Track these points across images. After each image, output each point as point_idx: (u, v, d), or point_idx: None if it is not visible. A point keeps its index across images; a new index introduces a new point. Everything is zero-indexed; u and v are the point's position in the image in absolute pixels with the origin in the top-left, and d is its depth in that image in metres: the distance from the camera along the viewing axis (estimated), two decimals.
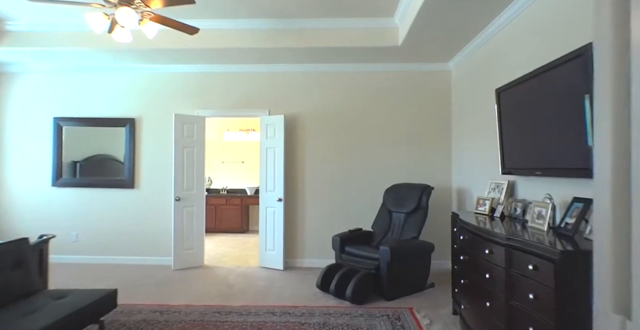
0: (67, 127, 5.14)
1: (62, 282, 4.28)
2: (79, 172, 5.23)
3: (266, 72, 5.12)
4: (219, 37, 4.35)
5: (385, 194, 4.70)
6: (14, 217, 5.16)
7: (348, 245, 4.26)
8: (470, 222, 2.93)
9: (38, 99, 5.18)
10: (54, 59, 4.84)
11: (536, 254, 2.03)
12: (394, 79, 5.09)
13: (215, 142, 8.13)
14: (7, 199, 5.15)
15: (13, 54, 4.61)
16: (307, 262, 5.07)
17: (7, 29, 4.38)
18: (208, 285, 4.23)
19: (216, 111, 5.16)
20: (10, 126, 5.17)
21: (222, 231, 7.62)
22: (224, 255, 5.69)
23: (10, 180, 5.15)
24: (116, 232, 5.15)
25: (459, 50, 4.51)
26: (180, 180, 4.88)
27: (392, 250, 3.78)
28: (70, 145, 5.20)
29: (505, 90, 3.18)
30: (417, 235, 4.23)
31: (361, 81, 5.10)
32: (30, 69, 5.13)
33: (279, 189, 4.92)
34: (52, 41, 4.39)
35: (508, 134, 3.18)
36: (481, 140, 4.07)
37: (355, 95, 5.10)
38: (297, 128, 5.12)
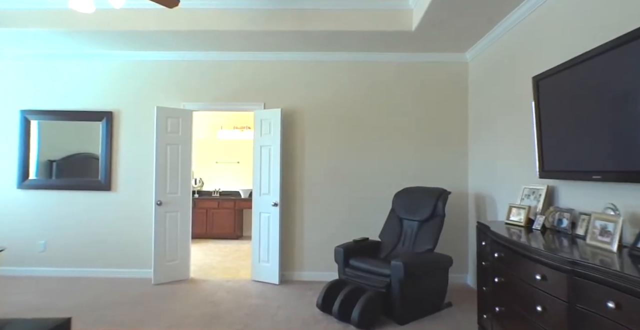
0: (43, 122, 4.56)
1: (17, 300, 3.70)
2: (56, 173, 4.64)
3: (261, 60, 4.56)
4: (206, 18, 3.79)
5: (395, 198, 4.14)
6: None
7: (353, 258, 3.69)
8: (508, 237, 2.37)
9: (2, 89, 4.60)
10: (19, 43, 4.27)
11: (622, 288, 1.48)
12: (405, 70, 4.54)
13: (207, 141, 7.57)
14: None
15: None
16: (307, 275, 4.50)
17: None
18: (191, 305, 3.66)
19: (204, 104, 4.59)
20: None
21: (214, 237, 7.04)
22: (213, 266, 5.12)
23: None
24: (90, 240, 4.56)
25: (479, 37, 3.97)
26: (162, 181, 4.31)
27: (406, 266, 3.22)
28: (47, 143, 4.61)
29: (547, 78, 2.63)
30: (432, 247, 3.67)
31: (368, 72, 4.55)
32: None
33: (275, 192, 4.35)
34: (15, 20, 3.82)
35: (549, 129, 2.63)
36: (509, 139, 3.52)
37: (362, 88, 4.55)
38: (296, 124, 4.56)
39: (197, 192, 7.37)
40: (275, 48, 4.37)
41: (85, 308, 3.53)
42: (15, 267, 4.53)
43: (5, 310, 3.44)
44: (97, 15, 3.81)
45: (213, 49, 4.42)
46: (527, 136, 3.11)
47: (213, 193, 7.43)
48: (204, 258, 5.59)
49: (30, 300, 3.72)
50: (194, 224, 6.96)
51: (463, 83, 4.52)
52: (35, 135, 4.60)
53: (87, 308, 3.53)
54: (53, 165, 4.67)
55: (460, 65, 4.53)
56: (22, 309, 3.49)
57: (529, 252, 2.09)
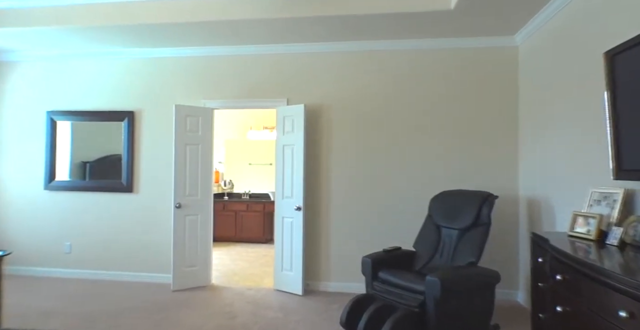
0: (75, 123, 4.50)
1: (31, 303, 3.60)
2: (89, 174, 4.58)
3: (284, 53, 4.24)
4: (221, 7, 3.52)
5: (432, 203, 3.66)
6: (3, 224, 4.58)
7: (383, 270, 3.26)
8: (574, 255, 1.86)
9: (31, 91, 4.60)
10: (40, 43, 4.24)
11: None
12: (443, 58, 4.04)
13: (237, 142, 7.39)
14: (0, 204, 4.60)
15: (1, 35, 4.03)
16: (332, 286, 4.11)
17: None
18: (206, 315, 3.38)
19: (225, 101, 4.34)
20: (3, 122, 4.62)
21: (243, 241, 6.82)
22: (236, 273, 4.85)
23: (5, 182, 4.59)
24: (112, 243, 4.44)
25: (532, 15, 3.41)
26: (181, 183, 4.09)
27: (444, 283, 2.74)
28: (80, 144, 4.55)
29: (625, 52, 2.09)
30: (475, 260, 3.16)
31: (401, 62, 4.10)
32: (21, 57, 4.56)
33: (298, 195, 4.01)
34: (37, 19, 3.74)
35: (629, 117, 2.08)
36: (572, 132, 2.95)
37: (393, 80, 4.11)
38: (321, 121, 4.19)
39: (226, 194, 7.20)
40: (298, 39, 4.03)
41: (100, 315, 3.35)
42: (42, 268, 4.51)
43: (17, 313, 3.33)
44: (115, 9, 3.65)
45: (234, 43, 4.16)
46: (597, 128, 2.55)
47: (243, 195, 7.23)
48: (229, 263, 5.35)
49: (46, 303, 3.61)
50: (222, 227, 6.78)
51: (511, 71, 3.96)
52: (68, 136, 4.56)
53: (101, 315, 3.35)
54: (86, 167, 4.61)
55: (508, 50, 3.97)
56: (32, 313, 3.37)
57: (606, 277, 1.58)
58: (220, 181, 7.31)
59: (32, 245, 4.52)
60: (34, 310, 3.42)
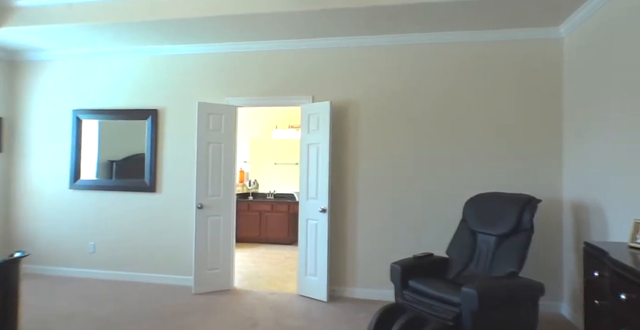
0: (103, 122, 4.49)
1: (55, 305, 3.57)
2: (115, 173, 4.57)
3: (309, 49, 4.07)
4: (244, 0, 3.39)
5: (467, 207, 3.40)
6: (30, 223, 4.63)
7: (413, 279, 3.03)
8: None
9: (57, 89, 4.63)
10: (70, 41, 4.24)
11: None
12: (479, 52, 3.77)
13: (262, 141, 7.29)
14: (27, 203, 4.64)
15: (24, 35, 4.05)
16: (360, 292, 3.91)
17: (16, 5, 3.80)
18: (226, 323, 3.25)
19: (248, 99, 4.22)
20: (31, 121, 4.68)
21: (267, 242, 6.71)
22: (260, 276, 4.72)
23: (32, 181, 4.64)
24: (135, 244, 4.40)
25: (580, 4, 3.10)
26: (203, 183, 3.99)
27: (482, 295, 2.49)
28: (107, 143, 4.55)
29: None
30: (516, 270, 2.88)
31: (433, 56, 3.85)
32: (49, 55, 4.60)
33: (323, 196, 3.83)
34: (64, 16, 3.72)
35: None
36: (632, 130, 2.63)
37: (425, 75, 3.86)
38: (348, 118, 4.00)
39: (251, 194, 7.11)
40: (323, 34, 3.85)
41: (119, 319, 3.28)
42: (67, 268, 4.52)
43: (38, 316, 3.30)
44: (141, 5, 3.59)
45: (257, 39, 4.03)
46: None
47: (267, 195, 7.12)
48: (252, 265, 5.24)
49: (68, 305, 3.59)
50: (247, 228, 6.70)
51: (555, 65, 3.64)
52: (95, 135, 4.56)
53: (121, 319, 3.28)
54: (113, 166, 4.60)
55: (551, 43, 3.65)
56: (56, 315, 3.34)
57: None
58: (245, 181, 7.24)
59: (57, 245, 4.55)
60: (55, 313, 3.39)
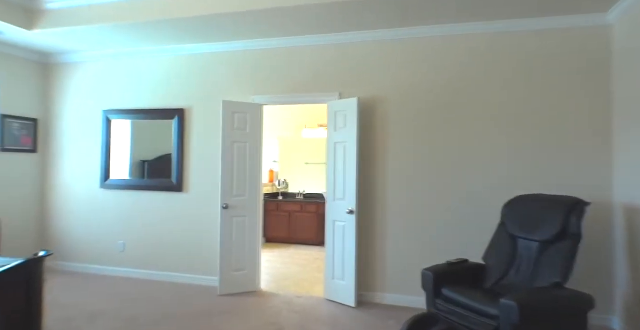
0: (136, 122, 4.53)
1: (82, 303, 3.61)
2: (148, 173, 4.62)
3: (336, 44, 3.92)
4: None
5: (506, 209, 3.14)
6: (64, 221, 4.75)
7: (447, 287, 2.82)
8: None
9: (89, 90, 4.71)
10: (100, 42, 4.29)
11: None
12: (517, 43, 3.48)
13: (292, 140, 7.21)
14: (61, 201, 4.77)
15: (55, 37, 4.13)
16: (390, 298, 3.72)
17: (47, 8, 3.88)
18: (250, 326, 3.16)
19: (273, 97, 4.11)
20: (64, 121, 4.79)
21: (296, 242, 6.62)
22: (287, 277, 4.63)
23: (65, 181, 4.77)
24: (163, 243, 4.41)
25: None
26: (228, 183, 3.93)
27: (523, 308, 2.26)
28: (139, 143, 4.59)
29: None
30: (562, 281, 2.61)
31: (469, 48, 3.60)
32: (80, 57, 4.69)
33: (350, 197, 3.67)
34: (92, 17, 3.74)
35: None
36: None
37: (460, 68, 3.62)
38: (376, 115, 3.81)
39: (280, 194, 7.05)
40: (350, 28, 3.69)
41: (144, 320, 3.27)
42: (98, 266, 4.60)
43: (65, 314, 3.34)
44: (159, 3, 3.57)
45: (282, 35, 3.91)
46: None
47: (297, 195, 7.03)
48: (280, 266, 5.16)
49: (96, 304, 3.62)
50: (276, 228, 6.65)
51: (601, 54, 3.30)
52: (128, 135, 4.61)
53: (145, 320, 3.26)
54: (145, 166, 4.64)
55: (598, 31, 3.31)
56: (83, 313, 3.37)
57: None
58: (275, 180, 7.19)
59: (89, 243, 4.64)
60: (82, 312, 3.42)
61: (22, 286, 2.55)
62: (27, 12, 3.90)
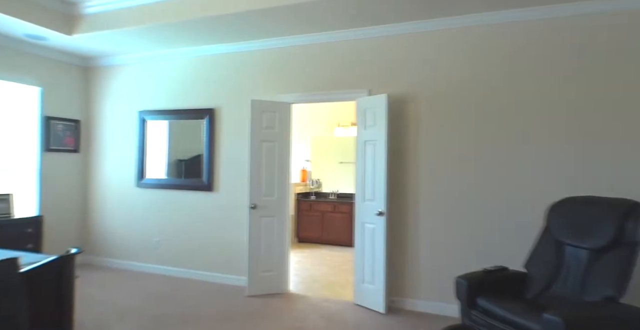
0: (172, 122, 4.60)
1: (114, 300, 3.68)
2: (184, 173, 4.68)
3: (364, 38, 3.76)
4: None
5: (552, 213, 2.86)
6: (103, 218, 4.92)
7: (483, 297, 2.60)
8: None
9: (127, 92, 4.85)
10: (132, 44, 4.39)
11: None
12: (561, 30, 3.16)
13: (325, 139, 7.10)
14: (101, 199, 4.94)
15: (94, 41, 4.27)
16: (421, 305, 3.52)
17: (86, 13, 4.00)
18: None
19: (302, 95, 4.02)
20: (104, 122, 4.96)
21: (328, 243, 6.52)
22: (317, 279, 4.52)
23: (104, 179, 4.94)
24: (193, 242, 4.45)
25: None
26: (256, 183, 3.89)
27: (569, 325, 2.01)
28: (176, 143, 4.66)
29: None
30: (617, 294, 2.33)
31: (504, 39, 3.32)
32: (116, 60, 4.83)
33: (380, 198, 3.50)
34: (134, 18, 3.80)
35: None
36: None
37: (500, 60, 3.35)
38: (408, 113, 3.62)
39: (313, 194, 6.97)
40: (378, 21, 3.52)
41: (171, 319, 3.28)
42: (134, 262, 4.73)
43: (96, 309, 3.42)
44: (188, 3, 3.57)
45: (309, 31, 3.81)
46: None
47: (329, 195, 6.92)
48: (310, 267, 5.06)
49: (127, 300, 3.69)
50: (308, 228, 6.58)
51: None
52: (165, 135, 4.69)
53: (172, 319, 3.27)
54: (182, 165, 4.71)
55: None
56: (113, 309, 3.44)
57: None
58: (307, 180, 7.12)
59: (126, 240, 4.77)
60: (113, 308, 3.49)
61: (53, 282, 2.63)
62: (67, 18, 4.06)
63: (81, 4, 3.96)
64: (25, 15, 3.69)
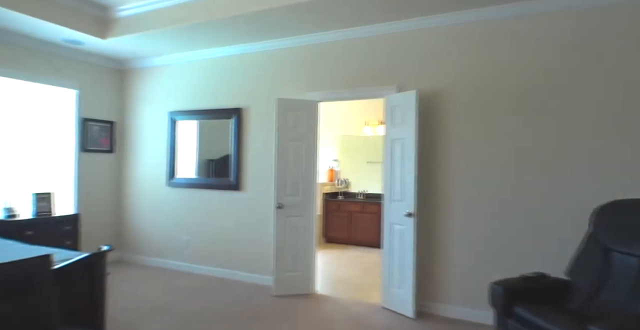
0: (202, 122, 4.65)
1: (147, 296, 3.75)
2: (214, 172, 4.74)
3: (391, 33, 3.64)
4: None
5: (598, 217, 2.64)
6: (137, 217, 5.04)
7: (520, 305, 2.44)
8: None
9: (156, 93, 4.95)
10: (162, 45, 4.46)
11: None
12: (612, 17, 2.92)
13: (352, 139, 7.00)
14: (134, 198, 5.07)
15: (126, 44, 4.37)
16: (453, 311, 3.37)
17: (119, 16, 4.10)
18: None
19: (328, 93, 3.95)
20: (136, 123, 5.09)
21: (356, 243, 6.41)
22: (344, 281, 4.44)
23: (137, 179, 5.06)
24: (222, 241, 4.48)
25: None
26: (282, 182, 3.85)
27: None
28: (205, 143, 4.72)
29: None
30: None
31: (545, 30, 3.11)
32: (148, 62, 4.93)
33: (409, 198, 3.38)
34: (163, 20, 3.86)
35: None
36: None
37: (535, 54, 3.14)
38: (439, 109, 3.47)
39: (341, 194, 6.88)
40: (407, 14, 3.39)
41: (198, 317, 3.30)
42: (166, 260, 4.81)
43: (129, 306, 3.49)
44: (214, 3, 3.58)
45: (334, 27, 3.73)
46: None
47: (357, 195, 6.81)
48: (337, 268, 4.99)
49: (158, 297, 3.75)
50: (336, 228, 6.51)
51: None
52: (195, 135, 4.75)
53: (202, 318, 3.29)
54: (211, 165, 4.76)
55: None
56: (145, 306, 3.50)
57: None
58: (335, 180, 7.05)
59: (157, 238, 4.87)
60: (145, 305, 3.55)
61: (85, 279, 2.69)
62: (101, 22, 4.17)
63: (114, 8, 4.06)
64: (63, 20, 3.82)
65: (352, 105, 6.83)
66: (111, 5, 4.02)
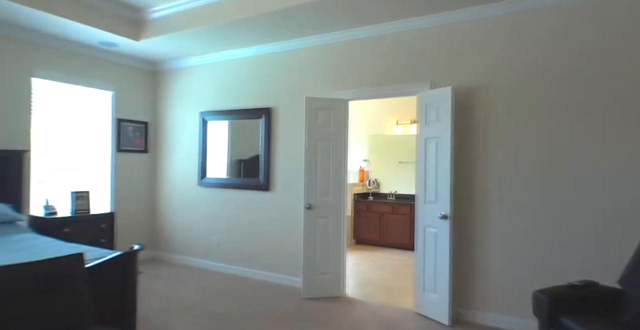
0: (233, 122, 4.68)
1: (178, 295, 3.77)
2: (244, 172, 4.75)
3: (425, 27, 3.50)
4: None
5: None
6: (170, 216, 5.12)
7: (568, 315, 2.26)
8: None
9: (188, 94, 5.01)
10: (193, 45, 4.49)
11: None
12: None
13: (383, 138, 6.86)
14: (167, 197, 5.16)
15: (158, 45, 4.44)
16: (492, 319, 3.19)
17: (151, 18, 4.17)
18: None
19: (359, 91, 3.85)
20: (169, 124, 5.17)
21: (387, 245, 6.27)
22: (375, 284, 4.33)
23: (170, 179, 5.14)
24: (251, 241, 4.47)
25: None
26: (312, 182, 3.79)
27: None
28: (236, 143, 4.74)
29: None
30: None
31: (594, 18, 2.89)
32: (181, 63, 5.00)
33: (444, 200, 3.23)
34: (197, 19, 3.87)
35: None
36: None
37: (584, 46, 2.93)
38: (476, 107, 3.30)
39: (371, 195, 6.76)
40: (439, 8, 3.25)
41: (231, 319, 3.27)
42: (197, 259, 4.86)
43: (160, 304, 3.52)
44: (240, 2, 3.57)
45: (364, 24, 3.64)
46: None
47: (388, 196, 6.66)
48: (367, 270, 4.88)
49: (189, 296, 3.77)
50: (366, 229, 6.39)
51: None
52: (226, 135, 4.77)
53: (233, 319, 3.27)
54: (241, 165, 4.78)
55: None
56: (176, 305, 3.52)
57: None
58: (365, 180, 6.93)
59: (189, 237, 4.92)
60: (175, 303, 3.58)
61: (117, 277, 2.72)
62: (134, 24, 4.25)
63: (147, 10, 4.13)
64: (99, 23, 3.91)
65: (382, 104, 6.69)
66: (144, 7, 4.09)
